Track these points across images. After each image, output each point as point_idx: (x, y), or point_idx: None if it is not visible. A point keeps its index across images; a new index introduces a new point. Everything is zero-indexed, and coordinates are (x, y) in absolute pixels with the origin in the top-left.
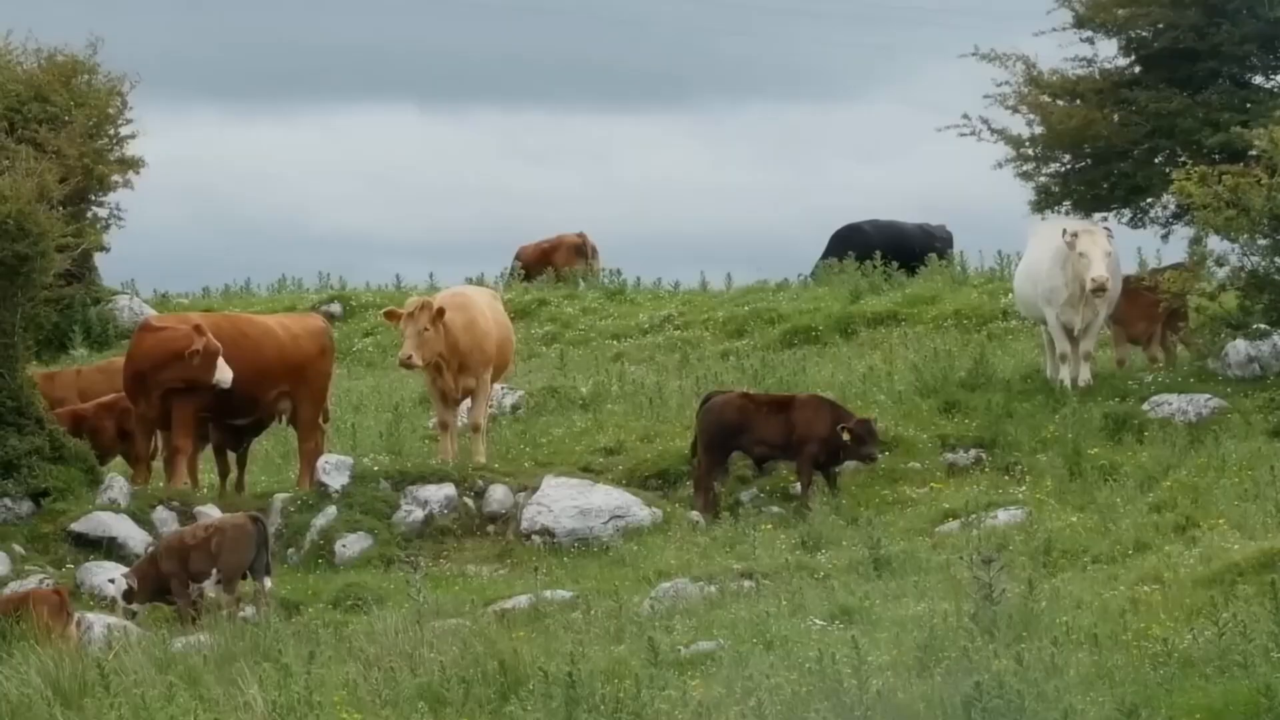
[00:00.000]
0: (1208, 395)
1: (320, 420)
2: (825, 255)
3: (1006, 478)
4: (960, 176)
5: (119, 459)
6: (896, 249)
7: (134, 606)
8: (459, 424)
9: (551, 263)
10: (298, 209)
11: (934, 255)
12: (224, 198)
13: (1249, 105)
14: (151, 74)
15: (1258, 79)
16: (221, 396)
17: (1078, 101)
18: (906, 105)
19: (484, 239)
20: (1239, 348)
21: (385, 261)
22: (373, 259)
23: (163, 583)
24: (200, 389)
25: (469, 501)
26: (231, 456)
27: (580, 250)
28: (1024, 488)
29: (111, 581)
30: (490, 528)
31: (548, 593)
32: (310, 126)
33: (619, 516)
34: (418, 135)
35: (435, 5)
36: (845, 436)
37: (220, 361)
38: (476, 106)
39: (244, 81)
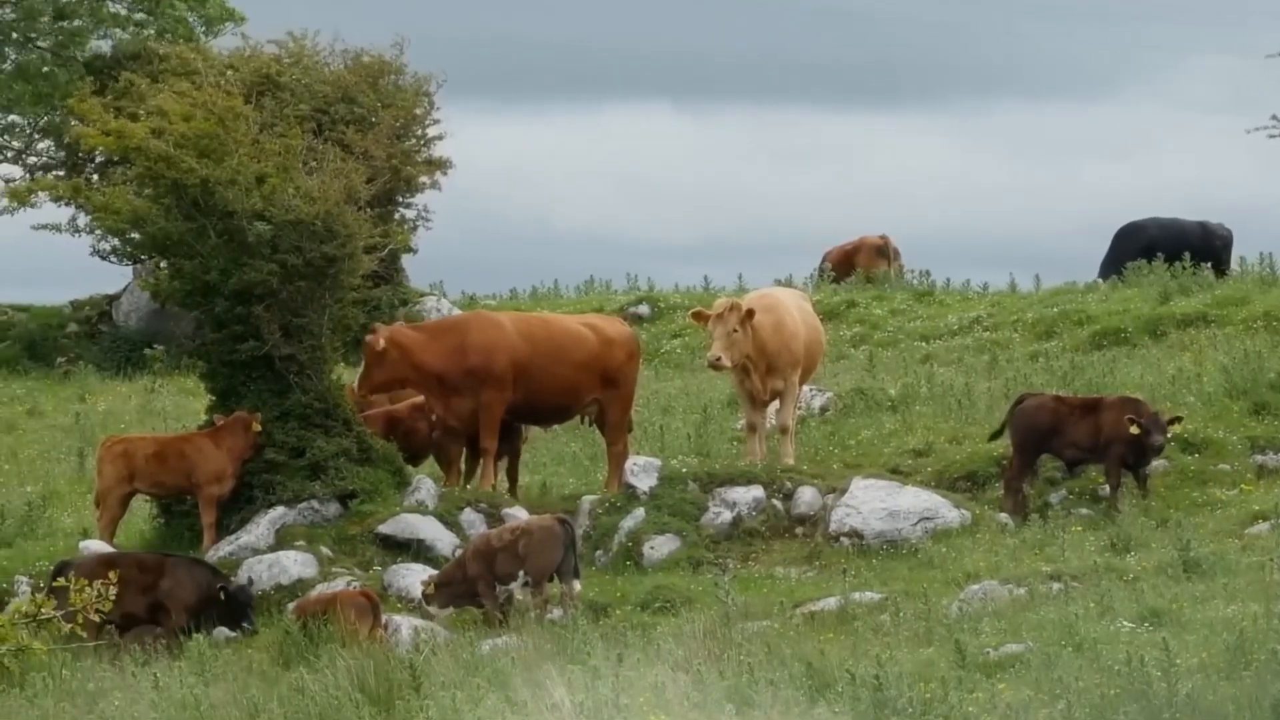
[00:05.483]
0: None
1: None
2: (1109, 254)
3: None
4: (1225, 173)
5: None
6: (1178, 247)
7: (431, 609)
8: (767, 425)
9: (854, 264)
10: (551, 208)
11: (1220, 254)
12: (481, 197)
13: None
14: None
15: None
16: (532, 401)
17: None
18: (1160, 102)
19: (753, 240)
20: None
21: (642, 262)
22: (630, 260)
23: (470, 586)
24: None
25: (777, 503)
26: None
27: (882, 251)
28: None
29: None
30: (798, 529)
31: (856, 595)
32: (564, 125)
33: (928, 518)
34: (673, 135)
35: (690, 3)
36: (1134, 429)
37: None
38: (729, 105)
39: (497, 80)
